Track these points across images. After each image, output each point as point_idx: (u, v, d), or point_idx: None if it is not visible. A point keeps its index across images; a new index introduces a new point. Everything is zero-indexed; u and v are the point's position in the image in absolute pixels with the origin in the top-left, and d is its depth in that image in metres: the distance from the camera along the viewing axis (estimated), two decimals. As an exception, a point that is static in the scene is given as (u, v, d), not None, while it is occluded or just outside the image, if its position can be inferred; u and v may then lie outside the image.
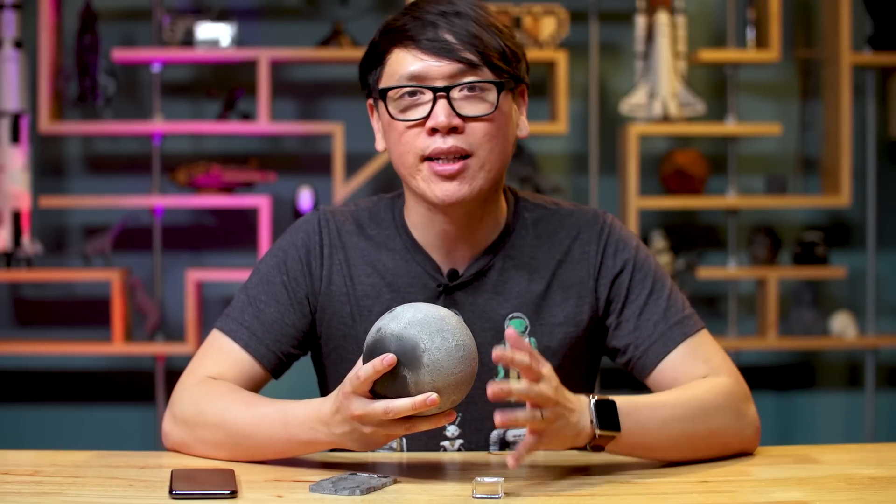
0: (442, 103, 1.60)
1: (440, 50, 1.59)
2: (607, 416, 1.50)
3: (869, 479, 1.52)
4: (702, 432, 1.60)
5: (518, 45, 1.67)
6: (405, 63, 1.61)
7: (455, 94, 1.60)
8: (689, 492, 1.45)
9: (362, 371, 1.41)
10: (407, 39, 1.61)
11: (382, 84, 1.65)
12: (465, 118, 1.61)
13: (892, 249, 4.18)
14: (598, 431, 1.49)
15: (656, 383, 1.70)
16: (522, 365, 1.42)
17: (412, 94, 1.62)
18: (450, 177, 1.61)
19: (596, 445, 1.50)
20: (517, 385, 1.43)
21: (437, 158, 1.61)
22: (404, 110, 1.63)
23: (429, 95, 1.60)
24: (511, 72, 1.64)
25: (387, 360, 1.40)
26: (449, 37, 1.60)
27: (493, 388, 1.41)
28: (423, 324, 1.41)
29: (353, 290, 1.72)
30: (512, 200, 1.76)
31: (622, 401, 1.53)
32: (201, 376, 1.68)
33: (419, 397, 1.40)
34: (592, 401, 1.50)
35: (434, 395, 1.40)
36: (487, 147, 1.62)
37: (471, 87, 1.61)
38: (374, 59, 1.66)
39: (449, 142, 1.60)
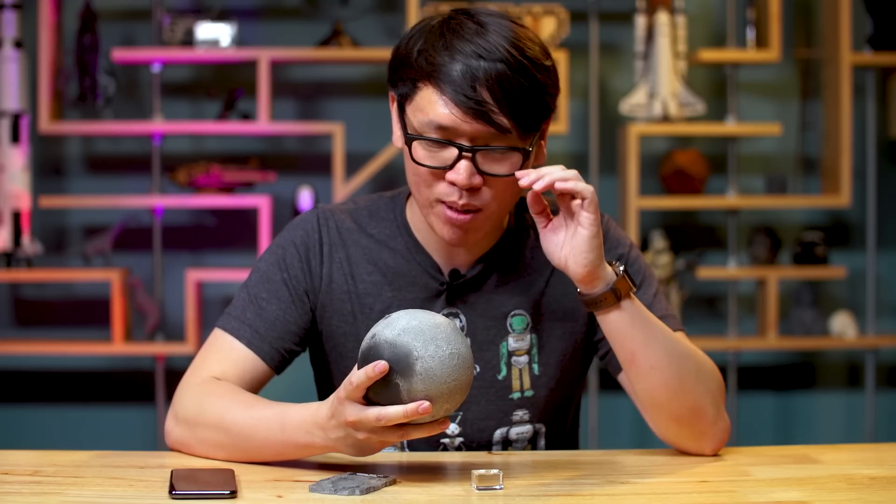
0: (465, 162, 1.57)
1: (474, 112, 1.54)
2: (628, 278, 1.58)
3: (869, 479, 1.52)
4: (690, 377, 1.62)
5: (555, 80, 1.62)
6: (435, 107, 1.56)
7: (480, 153, 1.58)
8: (689, 492, 1.45)
9: (355, 377, 1.41)
10: (441, 81, 1.55)
11: (410, 116, 1.60)
12: (485, 175, 1.58)
13: (892, 249, 4.18)
14: (620, 271, 1.57)
15: None
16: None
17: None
18: (459, 226, 1.62)
19: (614, 289, 1.56)
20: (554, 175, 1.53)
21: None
22: (429, 151, 1.59)
23: (455, 148, 1.57)
24: (543, 127, 1.62)
25: (378, 367, 1.39)
26: (485, 94, 1.54)
27: (523, 175, 1.53)
28: (417, 331, 1.41)
29: (354, 287, 1.73)
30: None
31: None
32: (204, 376, 1.68)
33: (411, 406, 1.39)
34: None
35: (426, 404, 1.39)
36: (498, 201, 1.61)
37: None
38: (405, 79, 1.61)
39: (464, 198, 1.59)
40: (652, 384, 1.61)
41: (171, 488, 1.40)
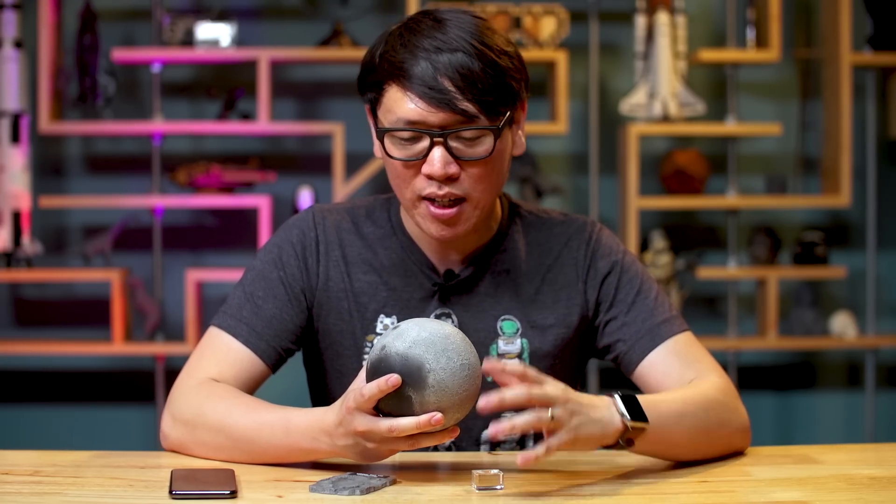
0: (439, 150, 1.58)
1: (438, 101, 1.56)
2: (633, 408, 1.49)
3: (869, 479, 1.52)
4: (713, 427, 1.62)
5: (519, 66, 1.63)
6: (402, 104, 1.58)
7: (452, 139, 1.59)
8: (689, 492, 1.45)
9: (366, 389, 1.41)
10: (404, 79, 1.58)
11: (381, 118, 1.63)
12: (461, 161, 1.59)
13: (892, 249, 4.18)
14: (629, 423, 1.47)
15: (643, 377, 1.71)
16: (516, 374, 1.42)
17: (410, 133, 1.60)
18: (445, 221, 1.62)
19: (628, 439, 1.48)
20: (512, 391, 1.41)
21: (434, 199, 1.62)
22: (402, 146, 1.61)
23: (426, 138, 1.59)
24: (510, 108, 1.61)
25: (391, 381, 1.39)
26: (447, 84, 1.56)
27: (484, 402, 1.40)
28: (428, 343, 1.41)
29: (350, 286, 1.73)
30: (506, 205, 1.79)
31: (641, 396, 1.53)
32: (201, 377, 1.68)
33: (424, 417, 1.40)
34: (617, 395, 1.49)
35: (439, 415, 1.40)
36: (481, 188, 1.62)
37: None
38: (372, 84, 1.64)
39: (444, 189, 1.60)
40: (683, 457, 1.61)
41: (171, 488, 1.40)
